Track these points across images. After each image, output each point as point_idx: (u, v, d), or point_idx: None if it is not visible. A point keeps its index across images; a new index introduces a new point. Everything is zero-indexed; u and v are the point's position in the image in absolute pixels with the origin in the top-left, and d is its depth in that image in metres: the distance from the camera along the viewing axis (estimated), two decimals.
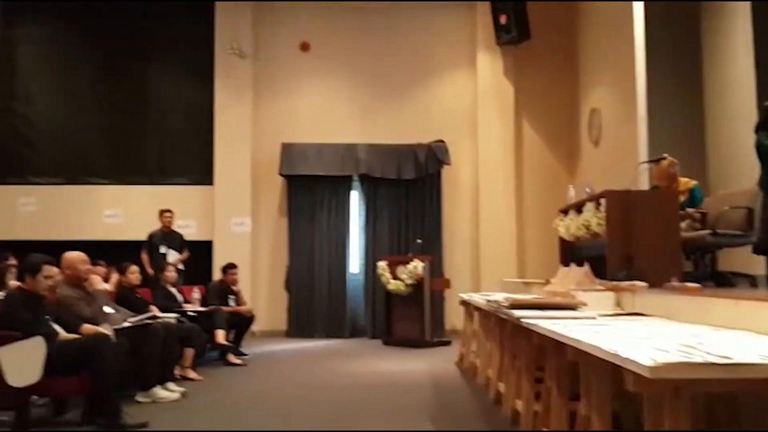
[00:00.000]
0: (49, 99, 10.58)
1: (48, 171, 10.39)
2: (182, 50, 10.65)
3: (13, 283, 5.63)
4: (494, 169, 10.34)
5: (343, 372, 6.95)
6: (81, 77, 10.60)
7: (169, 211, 9.05)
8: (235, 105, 10.37)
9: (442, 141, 10.29)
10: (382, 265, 9.19)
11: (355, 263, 10.50)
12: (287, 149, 10.26)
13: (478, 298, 6.11)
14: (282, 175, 10.32)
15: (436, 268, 9.53)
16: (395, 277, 8.91)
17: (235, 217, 10.24)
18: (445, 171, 10.40)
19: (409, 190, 10.35)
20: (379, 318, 9.80)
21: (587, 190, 5.64)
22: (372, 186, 10.35)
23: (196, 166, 10.49)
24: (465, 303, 7.14)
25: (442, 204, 10.40)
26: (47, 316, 4.60)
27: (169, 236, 8.96)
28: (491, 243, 10.16)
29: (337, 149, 10.28)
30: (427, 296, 8.75)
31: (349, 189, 10.49)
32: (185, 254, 8.98)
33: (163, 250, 8.77)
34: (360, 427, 4.48)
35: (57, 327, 4.61)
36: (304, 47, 10.54)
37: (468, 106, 10.57)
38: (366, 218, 10.37)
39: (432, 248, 10.00)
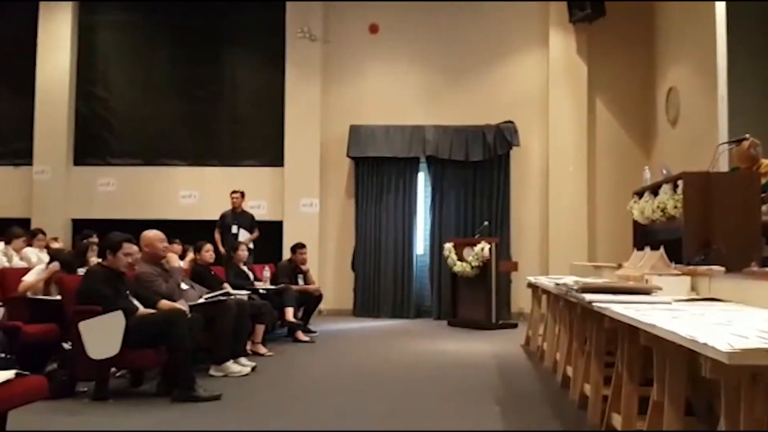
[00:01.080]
0: (128, 84, 10.94)
1: (127, 153, 10.78)
2: (254, 35, 10.80)
3: (94, 259, 5.87)
4: (565, 150, 10.10)
5: (408, 351, 6.98)
6: (158, 63, 10.92)
7: (236, 191, 9.23)
8: (305, 88, 10.47)
9: (511, 122, 10.11)
10: (448, 246, 9.15)
11: (420, 245, 10.51)
12: (355, 131, 10.31)
13: (546, 281, 6.00)
14: (350, 156, 10.38)
15: (503, 250, 9.43)
16: (461, 259, 8.86)
17: (304, 198, 10.38)
18: (514, 152, 10.22)
19: (477, 171, 10.24)
20: (445, 299, 9.79)
21: (663, 171, 5.43)
22: (439, 168, 10.29)
23: (267, 149, 10.67)
24: (533, 286, 7.05)
25: (510, 186, 10.24)
26: (127, 292, 4.78)
27: (240, 216, 9.16)
28: (561, 226, 9.96)
29: (405, 131, 10.25)
30: (494, 278, 8.67)
31: (416, 171, 10.47)
32: (255, 234, 9.17)
33: (234, 230, 8.96)
34: (426, 405, 4.50)
35: (136, 302, 4.78)
36: (373, 29, 10.51)
37: (539, 86, 10.34)
38: (433, 200, 10.33)
39: (499, 231, 9.89)
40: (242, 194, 9.26)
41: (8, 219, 8.66)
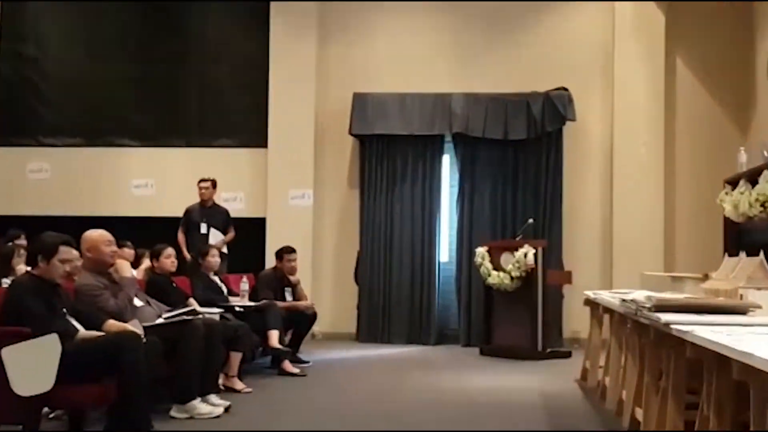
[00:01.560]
0: (65, 40, 11.02)
1: (64, 130, 10.86)
2: None
3: (22, 267, 5.90)
4: (635, 126, 10.07)
5: (428, 388, 6.96)
6: (106, 13, 10.95)
7: (206, 180, 9.25)
8: (296, 47, 10.47)
9: (564, 89, 10.08)
10: (481, 251, 9.13)
11: (445, 249, 10.50)
12: (360, 101, 10.30)
13: (609, 297, 5.97)
14: (353, 134, 10.39)
15: (552, 257, 9.41)
16: (498, 268, 8.84)
17: (293, 189, 10.40)
18: (568, 128, 10.20)
19: (519, 153, 10.23)
20: (476, 320, 9.78)
21: (765, 153, 5.39)
22: (470, 148, 10.28)
23: (245, 125, 10.72)
24: (591, 303, 7.02)
25: (563, 172, 10.22)
26: (63, 309, 4.80)
27: (211, 212, 9.19)
28: (629, 224, 9.92)
29: (425, 101, 10.25)
30: (540, 293, 8.65)
31: (440, 152, 10.47)
32: (231, 235, 9.18)
33: (203, 229, 8.99)
34: None
35: (75, 323, 4.80)
36: None
37: (601, 44, 10.30)
38: (461, 191, 10.32)
39: (548, 231, 9.88)
40: (213, 183, 9.29)
41: None
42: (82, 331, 4.77)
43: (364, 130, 10.32)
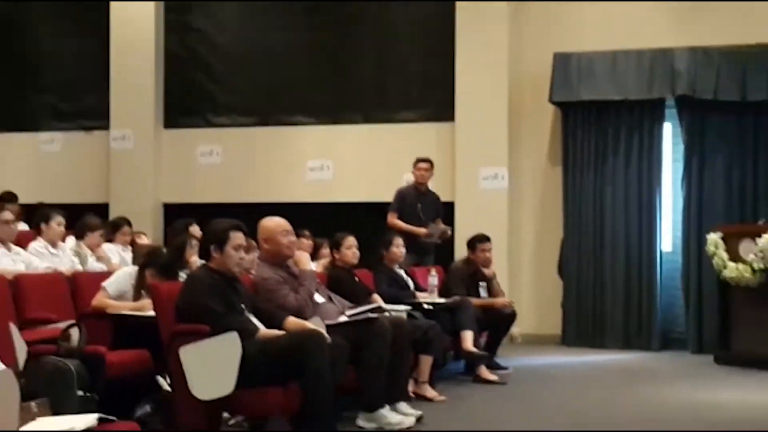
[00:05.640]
0: (234, 11, 11.45)
1: (235, 109, 11.33)
2: None
3: (196, 260, 6.22)
4: None
5: (654, 402, 6.79)
6: None
7: (425, 160, 9.28)
8: (485, 6, 10.42)
9: None
10: (714, 239, 8.80)
11: (668, 237, 10.22)
12: (563, 63, 10.18)
13: None
14: (554, 102, 10.28)
15: None
16: (736, 259, 8.50)
17: (485, 168, 10.40)
18: None
19: (760, 119, 9.79)
20: (709, 322, 9.48)
21: None
22: (698, 114, 9.98)
23: (430, 96, 10.82)
24: None
25: None
26: (242, 305, 5.02)
27: (425, 197, 9.27)
28: None
29: (642, 58, 10.02)
30: None
31: (661, 120, 10.22)
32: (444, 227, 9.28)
33: (419, 214, 9.06)
34: None
35: (254, 320, 5.01)
36: None
37: None
38: (687, 166, 10.01)
39: None
40: (432, 164, 9.33)
41: (80, 205, 9.35)
42: (263, 330, 4.97)
43: (567, 96, 10.21)
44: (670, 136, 10.26)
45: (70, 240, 7.59)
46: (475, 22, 10.48)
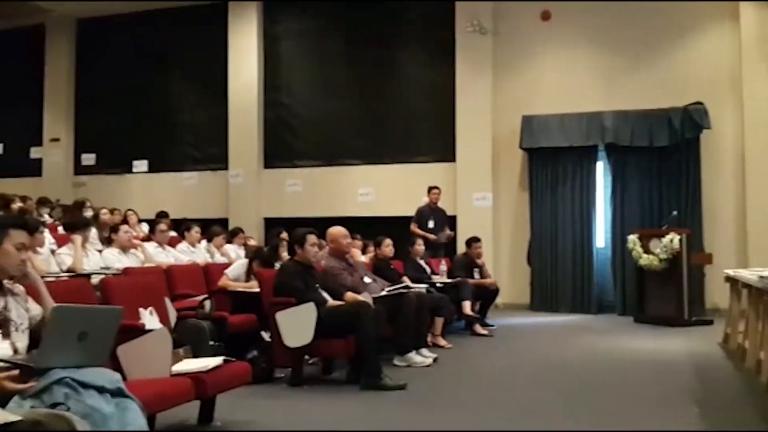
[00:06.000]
0: (308, 89, 11.50)
1: (310, 155, 11.35)
2: (425, 32, 10.93)
3: (285, 255, 6.28)
4: (764, 134, 9.13)
5: (593, 348, 6.72)
6: (335, 66, 11.35)
7: (436, 188, 9.31)
8: (476, 81, 10.42)
9: (700, 103, 9.33)
10: (632, 238, 8.67)
11: (601, 237, 10.06)
12: (528, 122, 10.08)
13: (747, 274, 5.50)
14: (523, 148, 10.17)
15: (694, 242, 8.75)
16: (648, 252, 8.36)
17: (476, 192, 10.34)
18: (705, 136, 9.44)
19: (662, 158, 9.56)
20: (630, 294, 9.27)
21: None
22: (620, 155, 9.77)
23: (439, 144, 10.74)
24: (731, 279, 6.49)
25: (701, 172, 9.48)
26: (316, 285, 5.07)
27: (436, 212, 9.28)
28: (762, 216, 9.00)
29: (581, 118, 9.85)
30: (685, 272, 8.10)
31: (595, 159, 10.03)
32: (449, 232, 9.24)
33: (431, 224, 9.03)
34: (616, 405, 4.31)
35: (325, 294, 5.06)
36: (545, 16, 10.22)
37: (729, 64, 9.46)
38: (613, 189, 9.84)
39: (689, 221, 9.19)
40: (440, 190, 9.32)
41: (209, 219, 9.49)
42: (330, 301, 5.01)
43: (531, 144, 10.07)
44: (602, 170, 10.10)
45: (204, 242, 7.69)
46: (469, 91, 10.42)
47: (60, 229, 6.87)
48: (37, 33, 12.55)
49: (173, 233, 7.70)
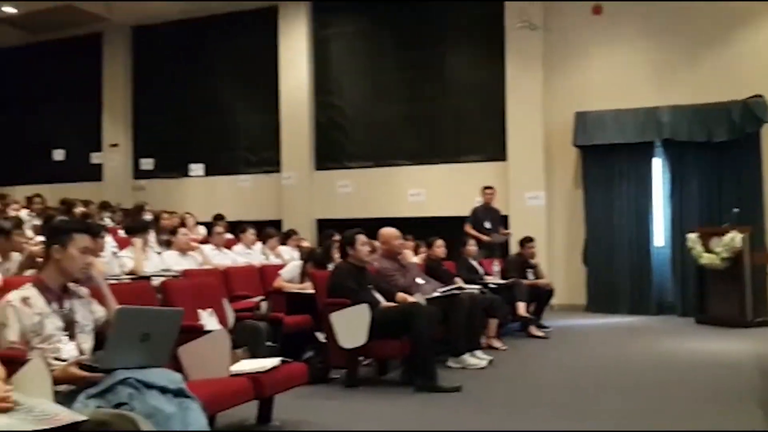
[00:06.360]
0: (358, 91, 11.53)
1: (361, 156, 11.39)
2: (474, 31, 10.84)
3: (337, 256, 6.30)
4: None
5: (653, 349, 6.53)
6: (384, 68, 11.36)
7: (491, 187, 9.22)
8: (526, 79, 10.27)
9: (760, 96, 8.99)
10: (692, 237, 8.40)
11: (660, 235, 9.77)
12: (581, 118, 9.89)
13: None
14: (576, 145, 9.99)
15: (756, 240, 8.42)
16: (708, 250, 8.09)
17: (529, 191, 10.19)
18: (766, 130, 9.10)
19: (722, 153, 9.23)
20: (690, 294, 8.97)
21: None
22: (677, 151, 9.49)
23: (489, 143, 10.63)
24: None
25: (762, 168, 9.14)
26: (369, 286, 5.07)
27: (491, 212, 9.19)
28: None
29: (636, 114, 9.61)
30: (748, 271, 7.80)
31: (651, 156, 9.76)
32: (508, 231, 9.17)
33: (486, 225, 8.95)
34: (678, 407, 4.17)
35: (377, 295, 5.05)
36: (597, 10, 9.99)
37: None
38: (671, 187, 9.56)
39: (751, 218, 8.82)
40: (494, 190, 9.24)
41: (263, 221, 9.60)
42: (383, 302, 5.00)
43: (585, 141, 9.88)
44: (660, 167, 9.79)
45: (259, 244, 7.79)
46: (519, 89, 10.29)
47: (121, 232, 7.05)
48: (94, 41, 12.96)
49: (229, 235, 7.82)
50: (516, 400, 4.51)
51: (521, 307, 7.18)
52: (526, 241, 8.13)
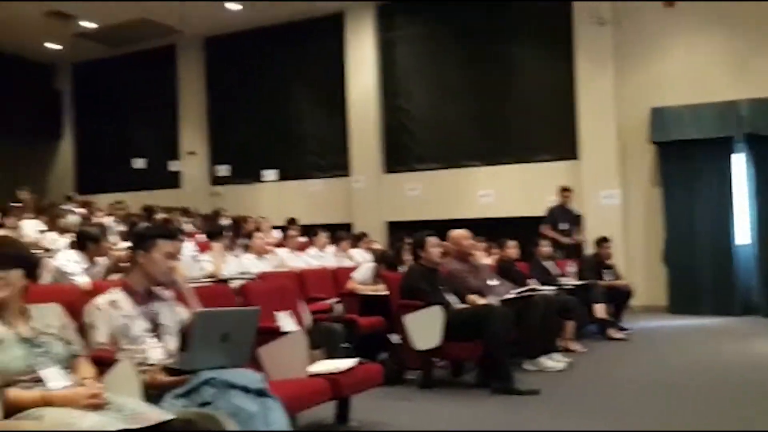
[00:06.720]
0: (425, 93, 11.52)
1: (429, 158, 11.35)
2: (541, 28, 10.65)
3: (408, 258, 6.29)
4: None
5: (737, 353, 6.23)
6: (450, 69, 11.29)
7: (569, 189, 9.03)
8: (597, 74, 10.01)
9: None
10: None
11: (744, 233, 9.30)
12: (657, 114, 9.55)
13: None
14: (653, 142, 9.65)
15: None
16: None
17: (603, 190, 9.91)
18: None
19: None
20: None
21: None
22: (760, 146, 9.02)
23: (560, 142, 10.40)
24: None
25: None
26: (441, 287, 5.03)
27: (567, 212, 8.99)
28: None
29: (715, 108, 9.20)
30: None
31: (731, 151, 9.33)
32: (582, 238, 8.96)
33: (563, 226, 8.77)
34: (766, 415, 3.95)
35: (449, 297, 5.01)
36: (669, 2, 9.64)
37: None
38: (756, 183, 9.08)
39: None
40: (572, 191, 9.07)
41: (334, 224, 9.70)
42: (456, 304, 4.95)
43: (662, 137, 9.53)
44: (743, 163, 9.31)
45: (331, 247, 7.87)
46: (590, 85, 10.05)
47: (200, 236, 7.26)
48: (169, 53, 13.44)
49: (302, 238, 7.93)
50: (596, 403, 4.38)
51: (599, 309, 6.98)
52: (602, 241, 7.91)
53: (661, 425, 3.78)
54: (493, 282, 5.85)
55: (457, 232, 5.70)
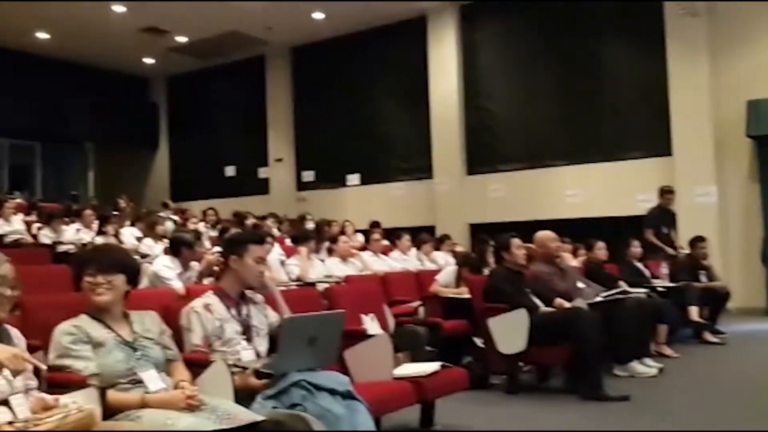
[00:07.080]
0: (508, 92, 11.40)
1: (513, 158, 11.21)
2: (630, 21, 10.31)
3: (492, 261, 6.23)
4: None
5: None
6: (534, 67, 11.13)
7: (671, 191, 8.48)
8: (691, 68, 9.59)
9: None
10: None
11: None
12: (755, 107, 9.06)
13: None
14: (750, 136, 9.15)
15: None
16: None
17: (698, 187, 9.48)
18: None
19: None
20: None
21: None
22: None
23: (652, 138, 10.03)
24: None
25: None
26: (527, 290, 4.95)
27: (668, 215, 8.53)
28: None
29: None
30: None
31: None
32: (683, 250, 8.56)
33: (665, 230, 8.30)
34: None
35: (536, 300, 4.92)
36: None
37: None
38: None
39: None
40: (674, 193, 8.58)
41: (417, 227, 9.72)
42: (542, 307, 4.87)
43: (760, 131, 9.04)
44: None
45: (414, 250, 7.89)
46: (682, 79, 9.66)
47: (288, 241, 7.45)
48: (257, 64, 13.87)
49: (385, 242, 7.99)
50: (689, 410, 4.19)
51: (693, 312, 6.68)
52: (697, 241, 7.59)
53: None
54: (582, 284, 5.71)
55: (543, 234, 5.58)
